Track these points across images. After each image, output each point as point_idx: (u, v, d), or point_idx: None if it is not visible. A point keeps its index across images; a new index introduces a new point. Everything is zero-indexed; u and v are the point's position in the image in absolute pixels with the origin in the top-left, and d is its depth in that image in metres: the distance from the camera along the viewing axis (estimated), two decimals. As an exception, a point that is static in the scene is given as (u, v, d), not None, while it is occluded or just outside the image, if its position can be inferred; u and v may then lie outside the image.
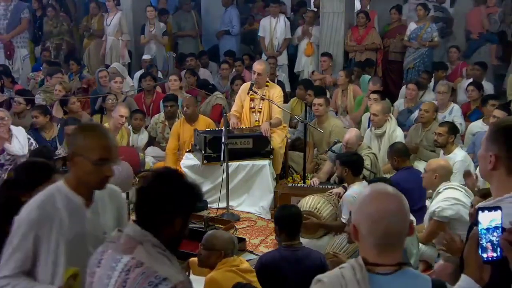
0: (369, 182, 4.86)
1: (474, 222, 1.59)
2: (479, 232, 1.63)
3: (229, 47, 10.75)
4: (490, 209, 1.58)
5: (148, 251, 2.03)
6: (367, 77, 8.75)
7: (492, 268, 1.68)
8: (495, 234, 1.56)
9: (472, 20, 9.88)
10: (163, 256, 2.05)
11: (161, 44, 10.36)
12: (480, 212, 1.58)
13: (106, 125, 6.75)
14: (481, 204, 2.14)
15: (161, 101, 7.93)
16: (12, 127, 6.21)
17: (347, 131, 6.16)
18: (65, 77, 8.74)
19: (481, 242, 1.56)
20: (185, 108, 6.95)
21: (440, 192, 4.62)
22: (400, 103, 8.01)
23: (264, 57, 9.88)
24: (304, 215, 4.96)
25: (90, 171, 2.34)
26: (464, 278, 1.76)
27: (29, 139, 6.24)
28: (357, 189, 4.88)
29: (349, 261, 1.92)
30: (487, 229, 1.57)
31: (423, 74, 8.57)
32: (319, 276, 1.93)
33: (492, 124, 2.19)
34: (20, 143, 6.04)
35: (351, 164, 5.03)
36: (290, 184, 6.31)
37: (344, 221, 4.83)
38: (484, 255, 1.57)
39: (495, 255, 1.55)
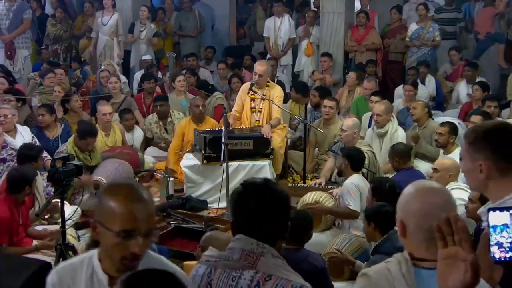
0: (371, 182, 4.86)
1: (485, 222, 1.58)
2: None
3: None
4: (501, 209, 1.57)
5: (272, 263, 1.98)
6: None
7: (505, 268, 1.67)
8: (504, 234, 1.55)
9: (480, 20, 9.86)
10: (285, 265, 2.02)
11: (151, 45, 10.35)
12: (491, 212, 1.56)
13: (97, 127, 6.77)
14: (483, 208, 2.14)
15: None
16: (17, 125, 6.29)
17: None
18: (63, 77, 8.73)
19: (490, 242, 1.55)
20: (200, 108, 6.93)
21: (447, 192, 4.62)
22: (399, 103, 8.01)
23: (268, 56, 9.90)
24: (309, 206, 5.01)
25: (112, 245, 1.85)
26: None
27: (33, 137, 6.29)
28: (356, 180, 4.94)
29: (394, 256, 1.92)
30: (495, 229, 1.55)
31: (409, 71, 8.58)
32: (365, 270, 1.94)
33: (467, 136, 2.14)
34: (24, 139, 6.09)
35: (352, 158, 5.09)
36: (290, 184, 6.30)
37: (351, 207, 4.87)
38: (496, 255, 1.56)
39: (508, 255, 1.54)
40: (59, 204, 4.14)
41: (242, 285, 1.94)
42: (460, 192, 4.57)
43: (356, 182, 4.96)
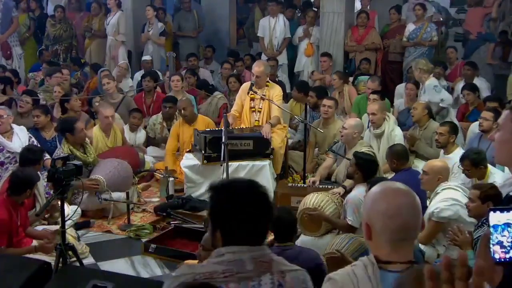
0: (368, 182, 4.83)
1: (485, 221, 1.59)
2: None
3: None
4: (502, 210, 1.57)
5: (277, 260, 2.02)
6: (362, 77, 8.74)
7: (505, 269, 1.66)
8: (505, 233, 1.55)
9: (471, 20, 9.87)
10: (281, 258, 2.08)
11: (158, 44, 10.36)
12: (492, 212, 1.56)
13: (97, 127, 6.77)
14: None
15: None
16: (14, 125, 6.24)
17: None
18: (68, 77, 8.74)
19: (491, 242, 1.55)
20: (182, 111, 6.95)
21: (438, 193, 4.61)
22: (400, 103, 8.01)
23: (264, 57, 9.88)
24: (305, 215, 4.97)
25: None
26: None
27: (30, 137, 6.25)
28: (362, 191, 4.86)
29: (360, 259, 1.92)
30: (496, 229, 1.55)
31: (410, 70, 8.59)
32: (330, 274, 1.94)
33: None
34: (21, 140, 6.04)
35: (366, 169, 4.93)
36: (290, 184, 6.29)
37: (350, 222, 4.79)
38: (496, 256, 1.56)
39: (508, 256, 1.54)
40: (59, 203, 4.15)
41: None
42: (451, 192, 4.55)
43: (363, 195, 4.84)
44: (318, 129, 6.64)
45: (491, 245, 1.53)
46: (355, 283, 1.84)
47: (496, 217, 1.55)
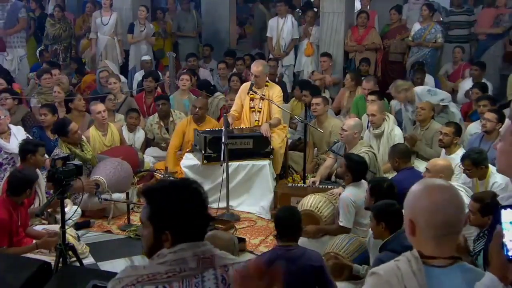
0: (369, 182, 4.84)
1: (487, 232, 1.58)
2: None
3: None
4: None
5: (219, 254, 2.03)
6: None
7: None
8: None
9: (482, 20, 9.83)
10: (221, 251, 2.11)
11: (150, 45, 10.36)
12: (502, 210, 1.55)
13: (93, 127, 6.75)
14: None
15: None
16: (11, 126, 6.22)
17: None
18: (60, 76, 8.72)
19: (503, 240, 1.54)
20: (197, 109, 6.93)
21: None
22: (396, 103, 7.99)
23: (271, 57, 9.89)
24: (303, 217, 4.97)
25: None
26: (487, 275, 1.77)
27: (28, 138, 6.21)
28: (353, 190, 4.88)
29: (403, 254, 1.94)
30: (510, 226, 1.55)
31: (417, 74, 8.57)
32: (374, 269, 1.96)
33: None
34: (18, 141, 5.99)
35: (355, 171, 4.98)
36: (290, 184, 6.30)
37: (341, 224, 4.81)
38: (510, 254, 1.55)
39: None
40: (60, 201, 4.14)
41: (210, 286, 1.95)
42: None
43: (353, 196, 4.84)
44: (318, 129, 6.64)
45: (505, 242, 1.52)
46: (399, 277, 1.86)
47: (507, 215, 1.54)
